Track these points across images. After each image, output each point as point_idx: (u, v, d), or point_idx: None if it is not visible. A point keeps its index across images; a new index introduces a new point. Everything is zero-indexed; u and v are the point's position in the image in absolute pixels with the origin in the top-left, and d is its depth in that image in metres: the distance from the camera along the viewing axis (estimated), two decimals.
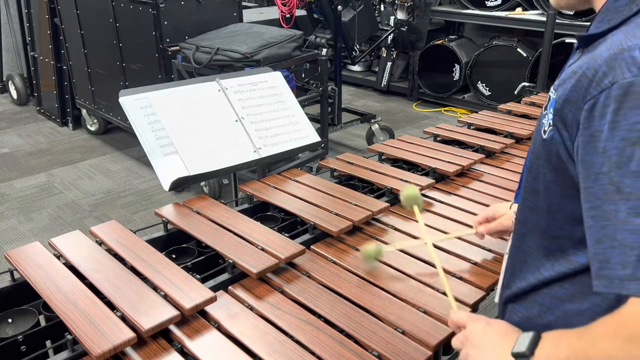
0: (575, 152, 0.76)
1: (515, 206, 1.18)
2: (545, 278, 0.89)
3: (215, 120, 1.75)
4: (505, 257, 1.08)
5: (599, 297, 0.81)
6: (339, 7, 4.19)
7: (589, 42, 0.82)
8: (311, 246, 1.44)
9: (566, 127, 0.77)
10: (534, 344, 0.79)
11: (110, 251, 1.35)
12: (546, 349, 0.78)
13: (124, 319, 1.09)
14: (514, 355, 0.80)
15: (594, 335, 0.71)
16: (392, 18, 5.63)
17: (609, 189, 0.69)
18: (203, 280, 1.27)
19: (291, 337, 1.10)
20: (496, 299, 1.11)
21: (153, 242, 1.43)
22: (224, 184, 3.64)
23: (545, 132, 0.82)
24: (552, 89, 0.85)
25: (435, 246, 1.43)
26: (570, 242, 0.84)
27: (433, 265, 1.33)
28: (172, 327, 1.12)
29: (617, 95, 0.69)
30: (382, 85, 6.05)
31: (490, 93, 5.30)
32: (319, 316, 1.17)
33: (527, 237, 0.93)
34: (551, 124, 0.80)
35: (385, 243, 1.45)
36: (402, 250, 1.41)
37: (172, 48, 3.57)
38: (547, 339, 0.79)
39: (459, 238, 1.46)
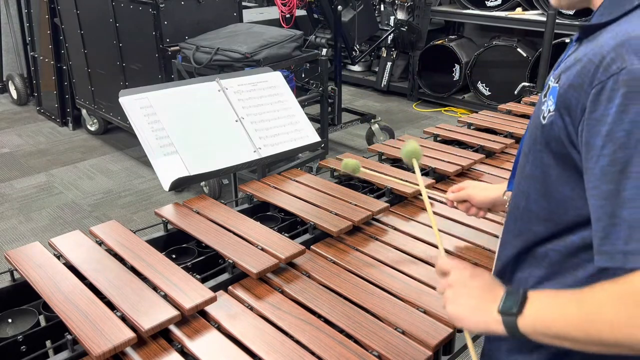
0: (580, 135, 0.77)
1: (509, 193, 1.19)
2: (530, 249, 0.92)
3: (215, 120, 1.75)
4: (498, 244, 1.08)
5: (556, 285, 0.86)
6: (339, 7, 4.19)
7: (590, 32, 0.84)
8: (311, 246, 1.44)
9: (569, 112, 0.78)
10: (522, 302, 0.78)
11: (110, 251, 1.35)
12: (536, 307, 0.77)
13: (124, 319, 1.09)
14: (502, 312, 0.80)
15: (597, 300, 0.71)
16: (392, 18, 5.63)
17: (609, 170, 0.71)
18: (203, 280, 1.27)
19: (291, 337, 1.10)
20: None
21: (153, 242, 1.43)
22: (224, 184, 3.64)
23: (544, 117, 0.83)
24: (551, 78, 0.86)
25: (435, 245, 1.43)
26: (560, 226, 0.86)
27: (429, 264, 1.34)
28: (172, 327, 1.12)
29: (627, 80, 0.70)
30: (382, 85, 6.05)
31: (490, 93, 5.30)
32: (319, 316, 1.16)
33: (518, 222, 0.94)
34: (552, 110, 0.81)
35: (386, 244, 1.45)
36: (398, 249, 1.41)
37: (172, 48, 3.57)
38: (535, 299, 0.78)
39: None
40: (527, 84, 3.01)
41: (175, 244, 1.46)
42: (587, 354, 0.74)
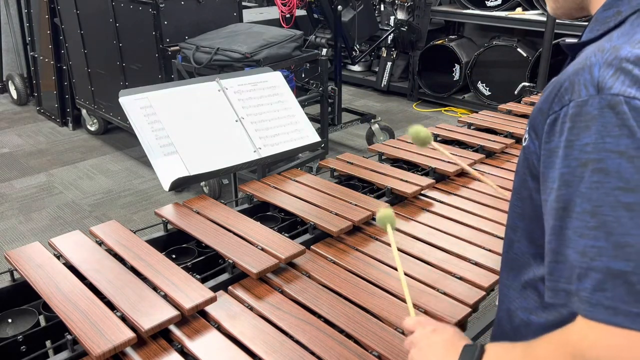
0: (540, 162, 0.76)
1: None
2: (524, 282, 0.88)
3: (215, 120, 1.75)
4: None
5: (552, 314, 0.82)
6: (339, 7, 4.19)
7: (574, 51, 0.79)
8: (311, 246, 1.44)
9: (537, 136, 0.77)
10: (479, 356, 0.79)
11: (110, 251, 1.35)
12: None
13: (124, 319, 1.09)
14: None
15: (538, 352, 0.72)
16: (392, 18, 5.63)
17: (556, 206, 0.70)
18: (203, 280, 1.27)
19: (291, 337, 1.10)
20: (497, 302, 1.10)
21: (153, 242, 1.43)
22: (224, 184, 3.64)
23: (525, 139, 0.82)
24: None
25: (435, 245, 1.43)
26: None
27: (431, 264, 1.34)
28: (172, 327, 1.12)
29: (572, 115, 0.68)
30: (382, 85, 6.05)
31: (490, 93, 5.29)
32: (319, 316, 1.16)
33: (515, 244, 0.91)
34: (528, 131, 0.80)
35: (386, 244, 1.45)
36: (398, 249, 1.41)
37: (172, 48, 3.57)
38: (491, 353, 0.79)
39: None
40: (527, 84, 3.01)
41: (175, 244, 1.46)
42: None
